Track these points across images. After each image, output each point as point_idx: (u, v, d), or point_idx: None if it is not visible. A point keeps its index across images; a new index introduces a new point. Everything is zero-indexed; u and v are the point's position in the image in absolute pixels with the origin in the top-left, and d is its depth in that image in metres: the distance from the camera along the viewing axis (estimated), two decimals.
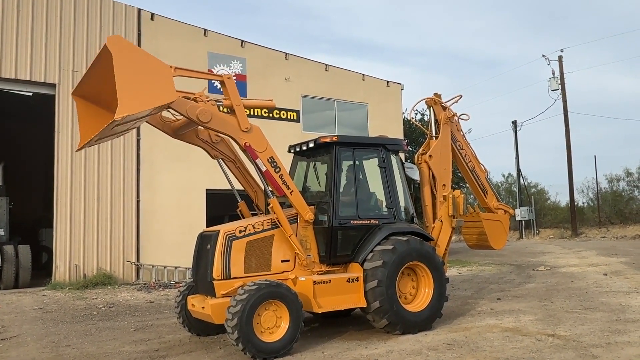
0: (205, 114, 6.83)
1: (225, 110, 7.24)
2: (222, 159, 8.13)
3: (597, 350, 6.49)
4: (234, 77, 18.03)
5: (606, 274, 13.95)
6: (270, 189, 7.41)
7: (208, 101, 7.06)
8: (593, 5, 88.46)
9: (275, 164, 7.35)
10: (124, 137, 16.14)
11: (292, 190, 7.51)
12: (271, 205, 7.30)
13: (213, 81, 17.63)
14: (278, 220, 7.35)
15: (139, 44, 16.70)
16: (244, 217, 8.27)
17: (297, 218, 7.71)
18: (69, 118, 15.47)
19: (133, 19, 16.80)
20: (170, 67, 7.10)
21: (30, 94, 15.99)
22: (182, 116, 7.00)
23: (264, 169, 7.25)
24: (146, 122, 7.43)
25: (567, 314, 8.83)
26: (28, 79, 15.19)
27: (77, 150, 7.34)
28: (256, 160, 7.22)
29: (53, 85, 15.52)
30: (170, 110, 6.96)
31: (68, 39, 15.76)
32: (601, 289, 11.44)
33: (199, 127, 7.40)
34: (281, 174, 7.38)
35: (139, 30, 16.84)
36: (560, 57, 33.61)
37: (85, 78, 6.88)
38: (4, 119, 21.09)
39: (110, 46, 5.83)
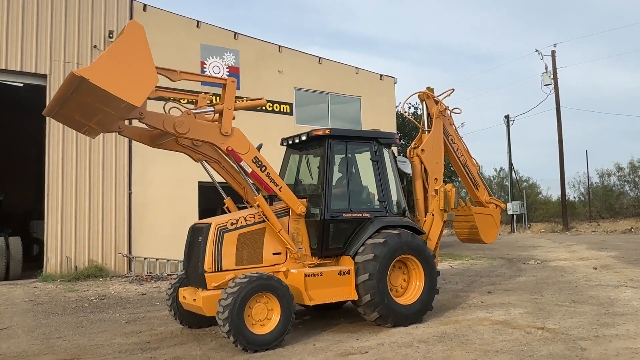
0: (182, 126, 6.72)
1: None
2: (205, 160, 7.96)
3: (585, 343, 6.56)
4: (227, 70, 18.09)
5: (596, 268, 14.07)
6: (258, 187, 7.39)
7: (185, 111, 6.92)
8: (586, 0, 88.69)
9: (260, 163, 7.32)
10: None
11: (281, 187, 7.52)
12: (257, 203, 7.30)
13: (206, 73, 17.72)
14: (266, 217, 7.35)
15: None
16: None
17: (288, 211, 7.72)
18: None
19: (125, 10, 16.64)
20: (176, 71, 7.07)
21: (21, 84, 15.85)
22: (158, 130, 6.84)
23: (249, 170, 7.22)
24: (123, 135, 7.29)
25: (556, 307, 8.91)
26: (19, 69, 15.06)
27: (42, 113, 7.17)
28: (241, 163, 7.18)
29: (44, 76, 15.39)
30: (146, 124, 6.77)
31: (59, 30, 15.62)
32: (591, 283, 11.54)
33: None
34: (267, 172, 7.36)
35: None
36: (553, 52, 33.77)
37: None
38: None
39: (128, 27, 5.90)
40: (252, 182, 7.44)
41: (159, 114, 6.75)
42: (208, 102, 7.47)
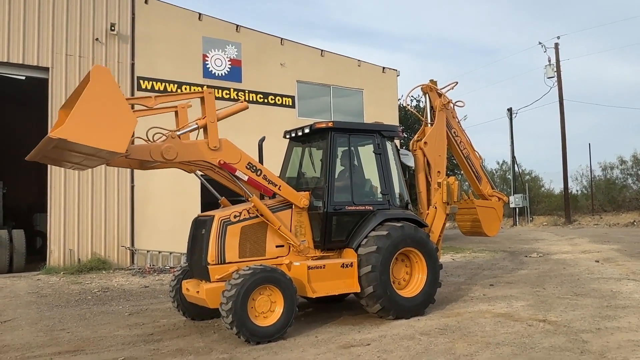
0: (170, 152, 6.68)
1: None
2: (199, 170, 7.70)
3: (587, 335, 6.57)
4: (229, 63, 18.04)
5: (598, 261, 14.07)
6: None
7: (169, 134, 6.82)
8: None
9: (254, 167, 7.30)
10: None
11: (280, 186, 7.54)
12: (253, 204, 7.27)
13: (208, 66, 17.71)
14: (264, 217, 7.35)
15: (132, 29, 16.56)
16: None
17: (291, 203, 7.72)
18: (62, 102, 15.33)
19: (127, 3, 16.59)
20: (151, 97, 6.88)
21: (23, 77, 15.85)
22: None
23: (245, 177, 7.20)
24: (111, 165, 7.13)
25: (558, 300, 8.92)
26: (21, 62, 15.05)
27: (26, 159, 6.87)
28: (235, 174, 7.15)
29: (46, 69, 15.38)
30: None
31: (61, 23, 15.59)
32: (593, 276, 11.55)
33: None
34: (264, 175, 7.37)
35: (133, 14, 16.66)
36: (556, 45, 33.60)
37: (69, 99, 6.72)
38: None
39: (93, 73, 5.67)
40: (246, 190, 7.31)
41: (144, 146, 6.65)
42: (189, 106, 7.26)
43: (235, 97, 18.23)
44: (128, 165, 7.38)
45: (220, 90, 17.91)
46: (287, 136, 8.86)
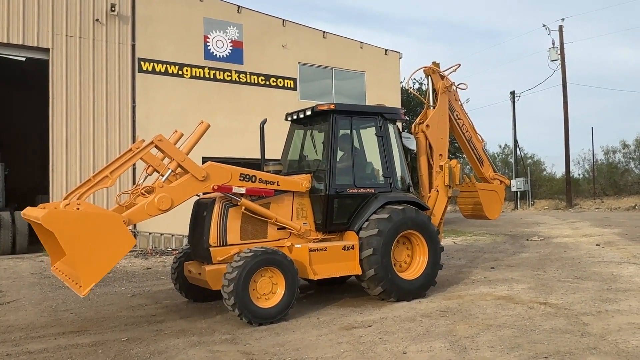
0: (164, 201, 6.69)
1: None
2: None
3: (587, 318, 6.60)
4: (230, 45, 17.88)
5: (599, 245, 14.10)
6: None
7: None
8: None
9: (248, 176, 7.27)
10: (119, 103, 16.07)
11: (277, 181, 7.54)
12: (243, 208, 7.24)
13: (209, 47, 17.56)
14: (259, 214, 7.35)
15: (133, 10, 16.40)
16: None
17: None
18: (63, 83, 15.30)
19: None
20: (105, 177, 6.88)
21: (24, 58, 15.74)
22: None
23: (243, 190, 7.19)
24: None
25: (559, 283, 8.95)
26: (21, 43, 14.95)
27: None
28: (233, 191, 7.13)
29: (46, 50, 15.28)
30: None
31: (61, 3, 15.44)
32: (593, 259, 11.57)
33: None
34: (259, 179, 7.35)
35: None
36: (560, 27, 33.31)
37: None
38: None
39: (46, 223, 5.51)
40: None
41: (140, 209, 6.61)
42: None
43: (237, 79, 18.12)
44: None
45: (221, 72, 17.81)
46: (289, 118, 8.82)
